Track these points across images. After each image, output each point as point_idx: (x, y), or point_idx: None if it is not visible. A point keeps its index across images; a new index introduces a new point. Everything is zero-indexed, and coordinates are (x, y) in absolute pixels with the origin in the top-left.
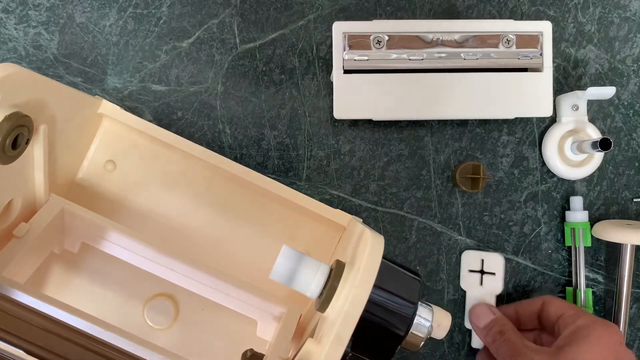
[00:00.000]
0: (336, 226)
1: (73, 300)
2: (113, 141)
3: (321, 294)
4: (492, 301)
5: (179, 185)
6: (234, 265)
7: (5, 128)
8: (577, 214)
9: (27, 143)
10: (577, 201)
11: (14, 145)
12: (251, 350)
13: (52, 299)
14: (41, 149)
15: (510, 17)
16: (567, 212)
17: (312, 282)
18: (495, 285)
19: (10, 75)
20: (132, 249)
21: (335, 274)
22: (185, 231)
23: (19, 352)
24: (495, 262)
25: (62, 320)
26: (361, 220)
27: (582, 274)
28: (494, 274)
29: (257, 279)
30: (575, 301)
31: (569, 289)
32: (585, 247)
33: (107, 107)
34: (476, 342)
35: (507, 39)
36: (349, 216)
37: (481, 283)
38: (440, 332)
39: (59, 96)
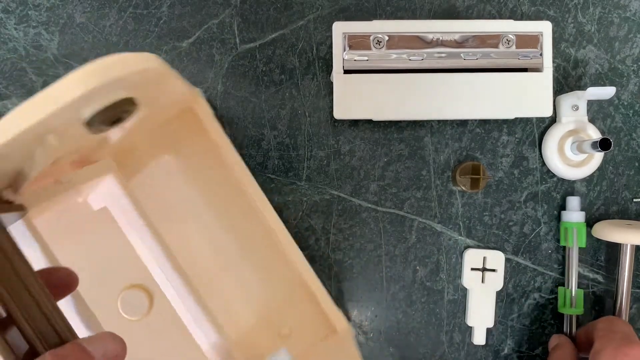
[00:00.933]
0: (327, 323)
1: (59, 251)
2: (182, 130)
3: None
4: (493, 297)
5: (212, 197)
6: (221, 301)
7: (115, 109)
8: (573, 214)
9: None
10: (573, 201)
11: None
12: None
13: (51, 253)
14: (124, 128)
15: (510, 17)
16: (562, 212)
17: None
18: (496, 281)
19: (147, 69)
20: (140, 231)
21: None
22: (193, 239)
23: None
24: (496, 259)
25: (47, 290)
26: (354, 333)
27: (574, 274)
28: (495, 270)
29: (230, 324)
30: (565, 302)
31: (561, 289)
32: (580, 247)
33: (200, 105)
34: (478, 339)
35: (507, 39)
36: (345, 323)
37: (483, 280)
38: None
39: (172, 87)
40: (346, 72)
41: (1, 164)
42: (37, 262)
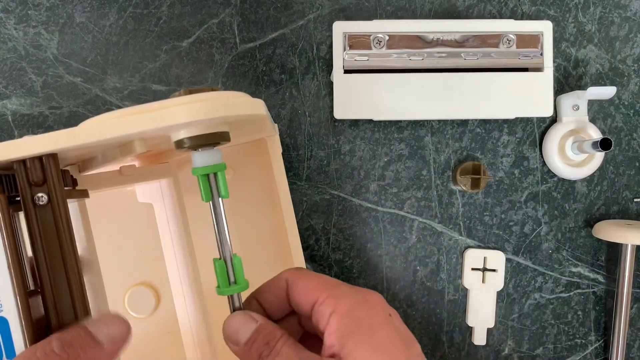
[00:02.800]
0: None
1: (93, 228)
2: (246, 153)
3: None
4: (493, 297)
5: (251, 227)
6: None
7: (209, 139)
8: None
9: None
10: None
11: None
12: None
13: (93, 243)
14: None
15: (510, 17)
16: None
17: None
18: (496, 281)
19: (254, 115)
20: (175, 236)
21: None
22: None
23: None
24: (496, 259)
25: (81, 273)
26: None
27: (226, 240)
28: (495, 270)
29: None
30: (224, 280)
31: (218, 262)
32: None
33: (274, 142)
34: (478, 339)
35: (507, 39)
36: None
37: (483, 280)
38: None
39: (262, 128)
40: (346, 71)
41: (82, 152)
42: (78, 237)
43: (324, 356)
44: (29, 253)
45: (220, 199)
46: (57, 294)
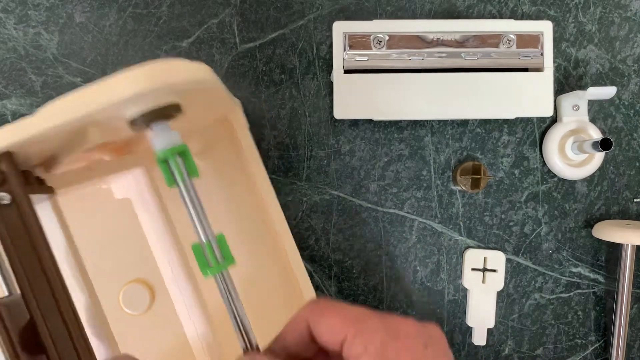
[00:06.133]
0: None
1: (75, 232)
2: (214, 135)
3: None
4: (493, 298)
5: (232, 205)
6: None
7: (160, 113)
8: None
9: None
10: None
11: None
12: None
13: (72, 241)
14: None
15: (510, 17)
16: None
17: None
18: (497, 282)
19: (200, 80)
20: (157, 227)
21: None
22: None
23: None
24: (497, 259)
25: (59, 270)
26: None
27: (204, 222)
28: (495, 270)
29: (227, 341)
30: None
31: (195, 246)
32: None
33: (237, 116)
34: (478, 339)
35: (507, 39)
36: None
37: (483, 281)
38: None
39: (216, 98)
40: (346, 71)
41: (40, 146)
42: (55, 239)
43: None
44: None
45: (190, 180)
46: (37, 294)
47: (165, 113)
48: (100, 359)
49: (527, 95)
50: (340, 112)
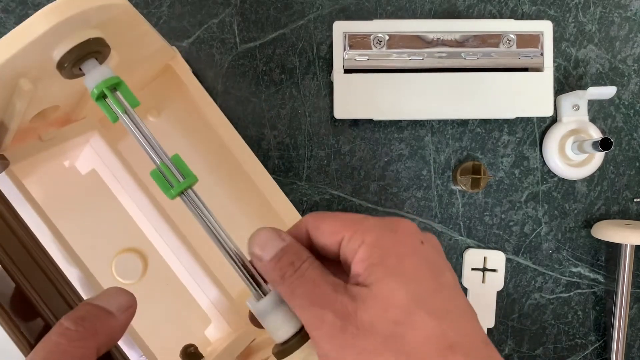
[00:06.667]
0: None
1: (52, 218)
2: (162, 90)
3: (284, 342)
4: (493, 297)
5: (199, 153)
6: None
7: (85, 49)
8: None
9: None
10: None
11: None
12: (194, 347)
13: (47, 217)
14: None
15: (510, 17)
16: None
17: (280, 329)
18: (496, 281)
19: (111, 4)
20: (131, 192)
21: (302, 337)
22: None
23: None
24: (497, 259)
25: (38, 240)
26: None
27: (156, 147)
28: (495, 270)
29: (230, 282)
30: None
31: (155, 173)
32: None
33: (178, 63)
34: None
35: (507, 39)
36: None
37: (483, 280)
38: None
39: (144, 37)
40: (346, 71)
41: None
42: (31, 222)
43: (350, 284)
44: None
45: (132, 110)
46: (16, 260)
47: (91, 50)
48: None
49: (527, 95)
50: (341, 112)
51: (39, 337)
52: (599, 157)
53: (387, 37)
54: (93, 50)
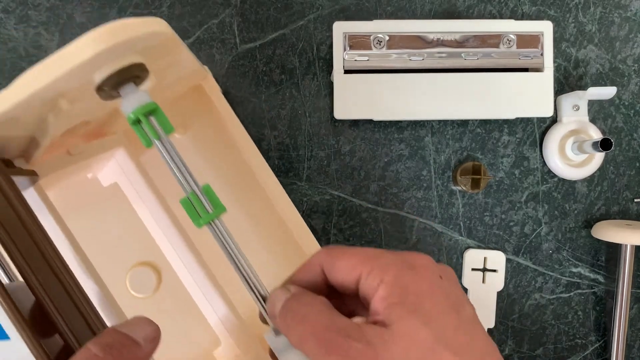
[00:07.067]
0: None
1: (70, 226)
2: (191, 108)
3: None
4: (493, 298)
5: (222, 173)
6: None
7: (126, 74)
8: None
9: None
10: None
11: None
12: None
13: (68, 230)
14: None
15: (510, 17)
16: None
17: None
18: (497, 282)
19: (156, 32)
20: (151, 207)
21: None
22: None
23: (8, 260)
24: (497, 259)
25: (61, 255)
26: None
27: (188, 175)
28: (495, 271)
29: (241, 302)
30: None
31: (185, 201)
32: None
33: (209, 83)
34: None
35: (507, 39)
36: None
37: (484, 281)
38: None
39: (182, 61)
40: (346, 72)
41: (14, 129)
42: (54, 235)
43: (368, 322)
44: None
45: (166, 136)
46: (39, 275)
47: (131, 74)
48: None
49: (527, 95)
50: (341, 112)
51: (59, 355)
52: (599, 157)
53: (387, 38)
54: (133, 75)
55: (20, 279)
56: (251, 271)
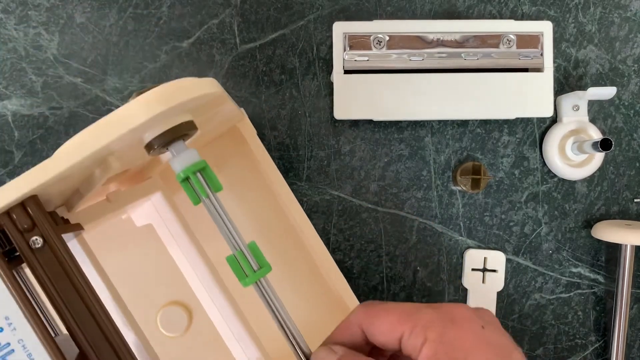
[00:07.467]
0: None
1: (104, 265)
2: (225, 148)
3: None
4: (493, 298)
5: (254, 214)
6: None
7: (176, 133)
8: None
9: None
10: None
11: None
12: None
13: (105, 274)
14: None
15: (510, 17)
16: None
17: None
18: (497, 282)
19: (209, 94)
20: (184, 247)
21: None
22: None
23: (49, 306)
24: (497, 259)
25: (104, 306)
26: None
27: (234, 233)
28: (495, 271)
29: (272, 346)
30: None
31: (231, 258)
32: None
33: (245, 125)
34: None
35: (507, 39)
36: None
37: (484, 281)
38: None
39: (225, 110)
40: (346, 72)
41: (62, 185)
42: (92, 280)
43: None
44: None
45: (214, 194)
46: (84, 330)
47: (181, 133)
48: None
49: (527, 95)
50: (341, 112)
51: None
52: (599, 157)
53: (387, 38)
54: (183, 133)
55: (65, 331)
56: (295, 329)
